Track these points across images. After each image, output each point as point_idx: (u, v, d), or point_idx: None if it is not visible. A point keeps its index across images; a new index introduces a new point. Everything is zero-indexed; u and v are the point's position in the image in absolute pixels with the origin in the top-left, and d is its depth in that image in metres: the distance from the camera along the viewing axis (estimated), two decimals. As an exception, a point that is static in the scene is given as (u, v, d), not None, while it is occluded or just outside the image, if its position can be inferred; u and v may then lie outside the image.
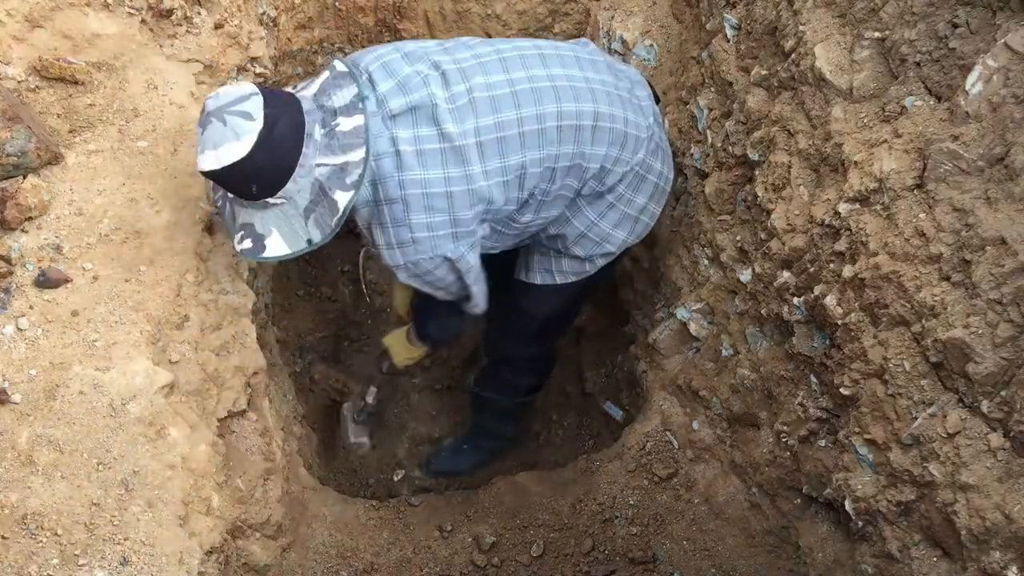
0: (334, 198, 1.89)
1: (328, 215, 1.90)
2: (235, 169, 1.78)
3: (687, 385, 2.37)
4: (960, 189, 1.46)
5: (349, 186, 1.88)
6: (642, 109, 2.12)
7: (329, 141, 1.89)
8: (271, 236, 1.91)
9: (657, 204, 2.21)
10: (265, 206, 1.89)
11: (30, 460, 1.54)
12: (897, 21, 1.61)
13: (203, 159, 1.79)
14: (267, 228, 1.91)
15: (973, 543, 1.45)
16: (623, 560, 2.21)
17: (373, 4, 2.93)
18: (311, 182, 1.88)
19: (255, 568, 1.90)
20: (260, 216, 1.90)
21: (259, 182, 1.84)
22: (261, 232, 1.91)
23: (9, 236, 1.77)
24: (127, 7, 2.11)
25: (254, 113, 1.79)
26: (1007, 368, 1.40)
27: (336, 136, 1.89)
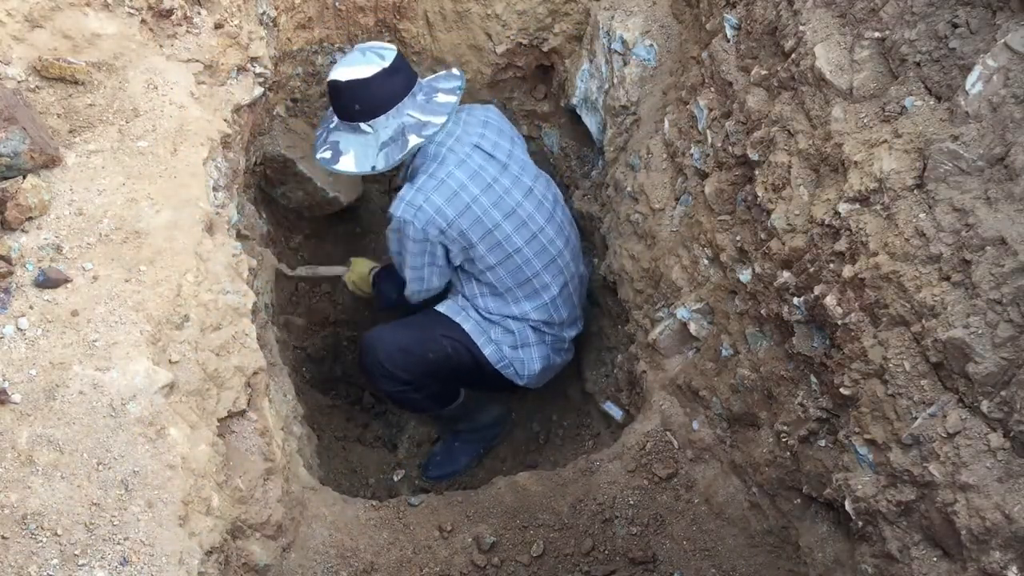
0: (408, 138, 2.48)
1: (397, 151, 2.49)
2: (351, 85, 2.44)
3: (687, 385, 2.37)
4: (960, 189, 1.46)
5: (423, 136, 2.48)
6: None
7: (426, 104, 2.52)
8: (347, 155, 2.53)
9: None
10: (355, 130, 2.51)
11: (30, 460, 1.54)
12: (897, 21, 1.61)
13: (336, 72, 2.47)
14: (347, 148, 2.54)
15: (973, 543, 1.45)
16: (623, 560, 2.21)
17: (373, 4, 2.93)
18: (397, 124, 2.48)
19: (255, 568, 1.90)
20: (347, 138, 2.54)
21: (362, 103, 2.46)
22: (342, 149, 2.54)
23: (9, 236, 1.77)
24: (127, 7, 2.11)
25: (386, 57, 2.47)
26: (1007, 368, 1.40)
27: (431, 102, 2.52)
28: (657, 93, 2.66)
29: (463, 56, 3.06)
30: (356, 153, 2.53)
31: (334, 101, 2.53)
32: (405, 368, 2.65)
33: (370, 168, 2.52)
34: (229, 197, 2.25)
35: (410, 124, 2.48)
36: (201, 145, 2.06)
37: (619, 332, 2.90)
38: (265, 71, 2.46)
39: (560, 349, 2.84)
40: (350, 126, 2.52)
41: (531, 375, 2.77)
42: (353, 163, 2.53)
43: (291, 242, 3.33)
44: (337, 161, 2.54)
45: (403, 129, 2.48)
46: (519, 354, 2.72)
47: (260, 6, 2.54)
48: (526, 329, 2.71)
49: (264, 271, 2.62)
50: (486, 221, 2.51)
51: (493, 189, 2.52)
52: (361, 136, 2.51)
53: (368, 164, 2.52)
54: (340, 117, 2.54)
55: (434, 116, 2.50)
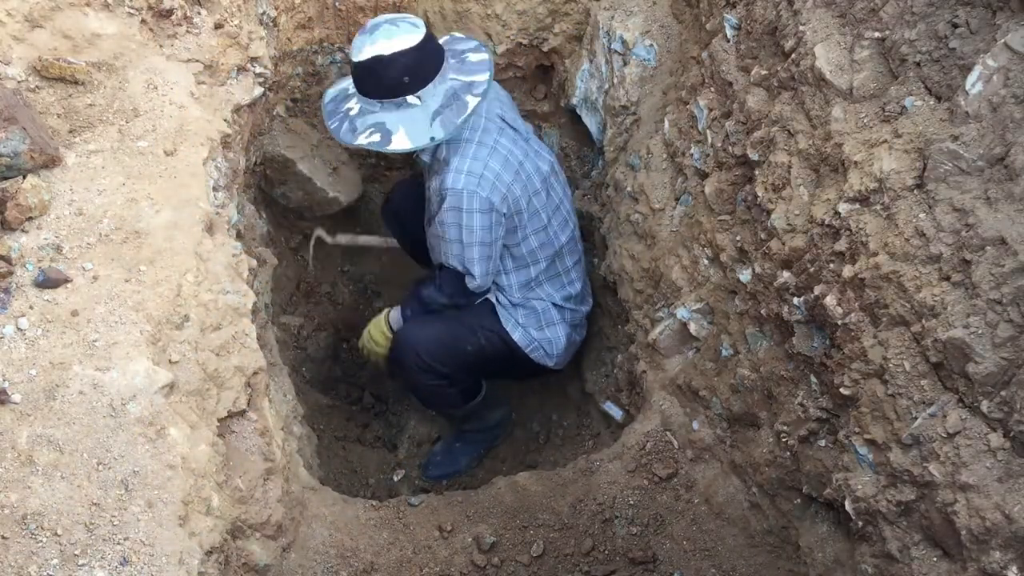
0: (465, 99, 2.36)
1: (456, 115, 2.35)
2: (400, 56, 2.26)
3: (687, 385, 2.37)
4: (960, 189, 1.46)
5: (477, 94, 2.37)
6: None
7: (460, 65, 2.41)
8: (398, 133, 2.35)
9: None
10: (400, 105, 2.34)
11: (30, 460, 1.54)
12: (897, 21, 1.61)
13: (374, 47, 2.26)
14: (396, 126, 2.35)
15: (973, 543, 1.45)
16: (623, 560, 2.21)
17: (373, 4, 2.93)
18: (445, 88, 2.36)
19: (255, 568, 1.90)
20: (392, 116, 2.35)
21: (412, 73, 2.30)
22: (390, 129, 2.35)
23: (9, 236, 1.77)
24: (127, 7, 2.11)
25: (419, 24, 2.33)
26: (1007, 368, 1.40)
27: (466, 63, 2.42)
28: (657, 93, 2.66)
29: (463, 56, 3.06)
30: (408, 129, 2.34)
31: (372, 80, 2.32)
32: (444, 362, 2.65)
33: (429, 140, 2.34)
34: (229, 197, 2.25)
35: (458, 86, 2.36)
36: (201, 145, 2.06)
37: (619, 332, 2.90)
38: (265, 71, 2.46)
39: (577, 325, 2.87)
40: (392, 103, 2.33)
41: (559, 354, 2.79)
42: (408, 139, 2.34)
43: (291, 242, 3.33)
44: (390, 142, 2.34)
45: (454, 92, 2.35)
46: (546, 334, 2.74)
47: (260, 6, 2.54)
48: (549, 308, 2.73)
49: (264, 271, 2.62)
50: (529, 189, 2.51)
51: (530, 157, 2.52)
52: (407, 110, 2.34)
53: (426, 136, 2.34)
54: (380, 96, 2.33)
55: (476, 75, 2.39)
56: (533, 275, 2.68)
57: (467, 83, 2.37)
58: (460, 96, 2.35)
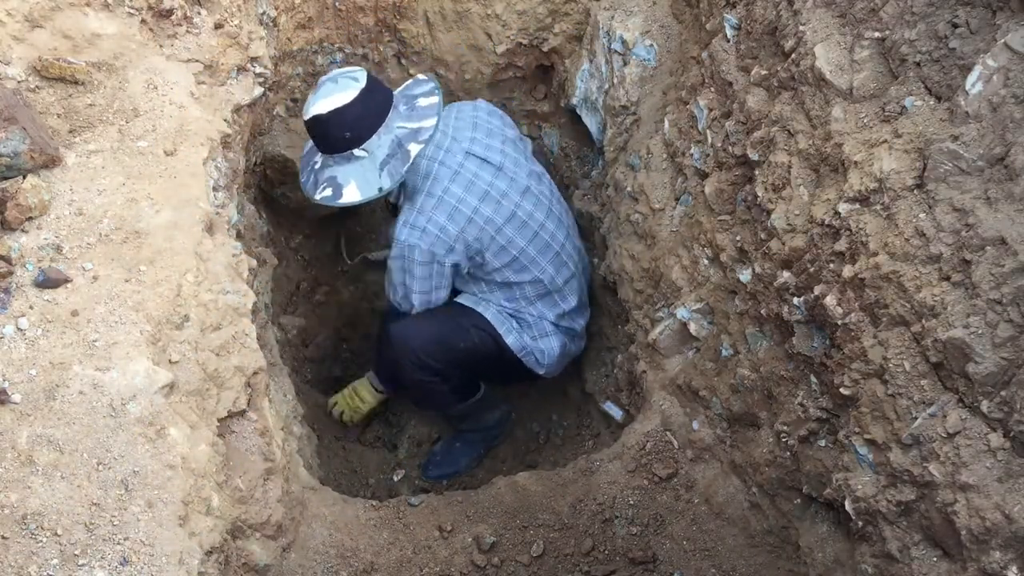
0: (408, 148, 2.42)
1: (400, 164, 2.42)
2: (337, 114, 2.34)
3: (687, 385, 2.37)
4: (960, 189, 1.46)
5: (420, 141, 2.43)
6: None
7: (410, 112, 2.46)
8: (348, 186, 2.44)
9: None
10: (349, 159, 2.42)
11: (30, 460, 1.54)
12: (897, 21, 1.61)
13: (314, 107, 2.36)
14: (347, 179, 2.44)
15: (973, 543, 1.45)
16: (623, 560, 2.21)
17: (373, 4, 2.93)
18: (391, 139, 2.42)
19: (255, 568, 1.90)
20: (343, 170, 2.44)
21: (352, 129, 2.38)
22: (341, 183, 2.45)
23: (9, 236, 1.77)
24: (127, 7, 2.11)
25: (359, 78, 2.39)
26: (1007, 368, 1.40)
27: (416, 109, 2.47)
28: (657, 93, 2.66)
29: (463, 56, 3.06)
30: (358, 181, 2.44)
31: (319, 136, 2.44)
32: (437, 358, 2.67)
33: (377, 191, 2.44)
34: (229, 197, 2.25)
35: (403, 135, 2.43)
36: (201, 145, 2.06)
37: (619, 332, 2.90)
38: (265, 71, 2.46)
39: (574, 337, 2.88)
40: (343, 157, 2.44)
41: (550, 364, 2.82)
42: (358, 192, 2.44)
43: (291, 242, 3.33)
44: (341, 195, 2.45)
45: (399, 142, 2.42)
46: (539, 344, 2.76)
47: (260, 6, 2.54)
48: (543, 322, 2.76)
49: (264, 271, 2.62)
50: (489, 229, 2.52)
51: (491, 195, 2.51)
52: (357, 163, 2.43)
53: (374, 187, 2.44)
54: (329, 151, 2.45)
55: (423, 120, 2.45)
56: (518, 296, 2.71)
57: (414, 130, 2.44)
58: (404, 145, 2.42)
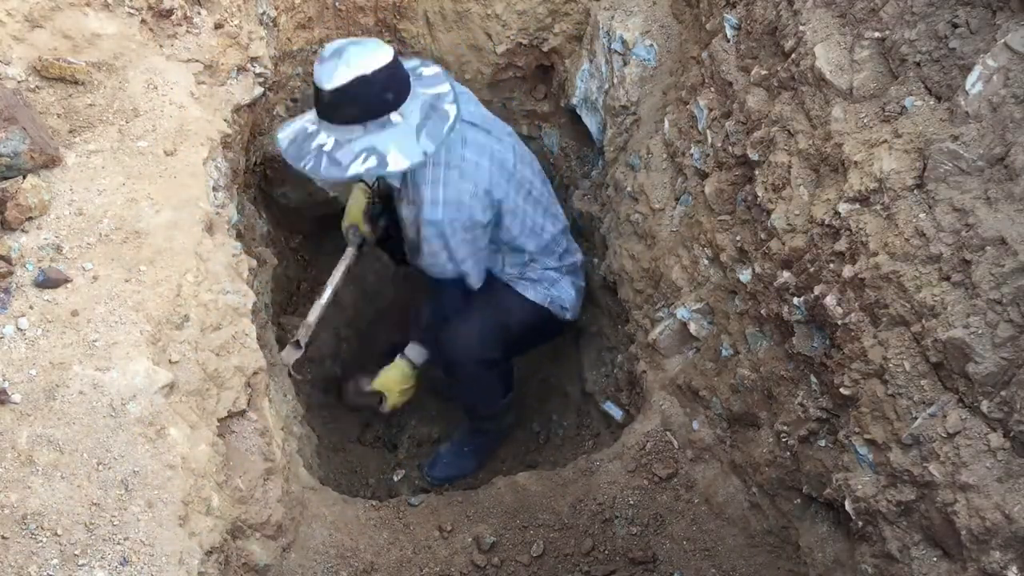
0: (444, 109, 2.31)
1: (440, 124, 2.30)
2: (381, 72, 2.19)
3: (687, 385, 2.37)
4: (960, 189, 1.46)
5: (451, 102, 2.33)
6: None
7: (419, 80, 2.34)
8: (391, 153, 2.27)
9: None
10: (384, 125, 2.26)
11: (30, 460, 1.54)
12: (897, 21, 1.61)
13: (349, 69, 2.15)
14: (386, 147, 2.27)
15: (973, 543, 1.45)
16: (623, 560, 2.21)
17: (373, 4, 2.93)
18: (420, 103, 2.30)
19: (255, 568, 1.90)
20: (379, 138, 2.27)
21: (395, 88, 2.24)
22: (383, 151, 2.27)
23: (9, 236, 1.77)
24: (127, 7, 2.11)
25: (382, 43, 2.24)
26: (1007, 368, 1.40)
27: (423, 78, 2.36)
28: (657, 93, 2.66)
29: (463, 56, 3.06)
30: (399, 147, 2.26)
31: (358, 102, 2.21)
32: (495, 347, 2.71)
33: (422, 154, 2.27)
34: (229, 197, 2.25)
35: (428, 99, 2.31)
36: (201, 145, 2.06)
37: (619, 332, 2.90)
38: (265, 71, 2.46)
39: (576, 272, 2.90)
40: (377, 124, 2.24)
41: (572, 304, 2.85)
42: (403, 157, 2.25)
43: (291, 242, 3.33)
44: (387, 164, 2.25)
45: (430, 104, 2.30)
46: (553, 291, 2.79)
47: (260, 6, 2.54)
48: (547, 272, 2.78)
49: (264, 272, 2.62)
50: (499, 192, 2.50)
51: (495, 157, 2.50)
52: (391, 130, 2.25)
53: (419, 151, 2.27)
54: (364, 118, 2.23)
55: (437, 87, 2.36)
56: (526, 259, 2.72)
57: (434, 95, 2.34)
58: (437, 107, 2.31)
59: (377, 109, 2.23)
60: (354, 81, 2.15)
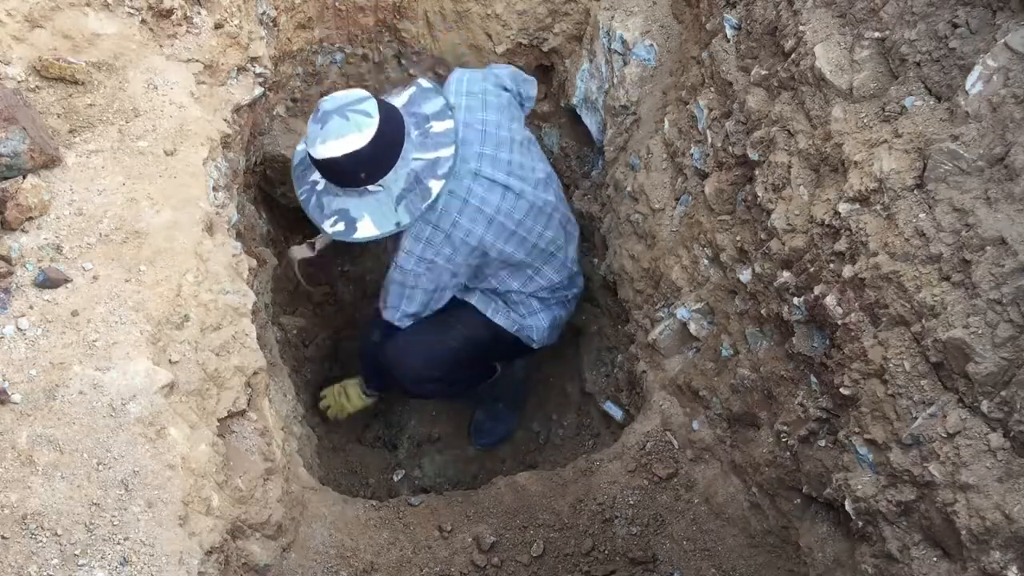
0: (428, 185, 2.24)
1: (419, 200, 2.25)
2: (353, 156, 2.13)
3: (687, 385, 2.37)
4: (960, 189, 1.45)
5: (440, 176, 2.25)
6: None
7: (424, 140, 2.26)
8: (363, 220, 2.26)
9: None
10: (363, 193, 2.24)
11: (30, 460, 1.54)
12: (897, 21, 1.61)
13: (324, 148, 2.13)
14: (360, 213, 2.26)
15: (973, 543, 1.45)
16: (623, 560, 2.21)
17: (373, 4, 2.93)
18: (407, 172, 2.23)
19: (255, 568, 1.90)
20: (355, 203, 2.26)
21: (368, 169, 2.19)
22: (354, 216, 2.27)
23: (9, 236, 1.77)
24: (127, 7, 2.11)
25: (372, 112, 2.15)
26: (1007, 368, 1.40)
27: (430, 136, 2.27)
28: (657, 93, 2.66)
29: (463, 56, 3.06)
30: (372, 216, 2.26)
31: (331, 176, 2.24)
32: (435, 366, 2.67)
33: (395, 226, 2.27)
34: (229, 197, 2.25)
35: (420, 168, 2.25)
36: (201, 145, 2.06)
37: (619, 332, 2.90)
38: (265, 71, 2.46)
39: (564, 301, 2.84)
40: (354, 191, 2.25)
41: (541, 338, 2.80)
42: (375, 227, 2.26)
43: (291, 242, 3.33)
44: (355, 230, 2.27)
45: (416, 176, 2.24)
46: (528, 321, 2.75)
47: (260, 6, 2.54)
48: (531, 300, 2.73)
49: (264, 272, 2.62)
50: (492, 252, 2.45)
51: (496, 220, 2.40)
52: (370, 197, 2.25)
53: (391, 222, 2.26)
54: (339, 185, 2.26)
55: (440, 150, 2.27)
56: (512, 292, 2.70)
57: (431, 162, 2.25)
58: (423, 180, 2.25)
59: (352, 183, 2.24)
60: (327, 161, 2.16)
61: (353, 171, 2.19)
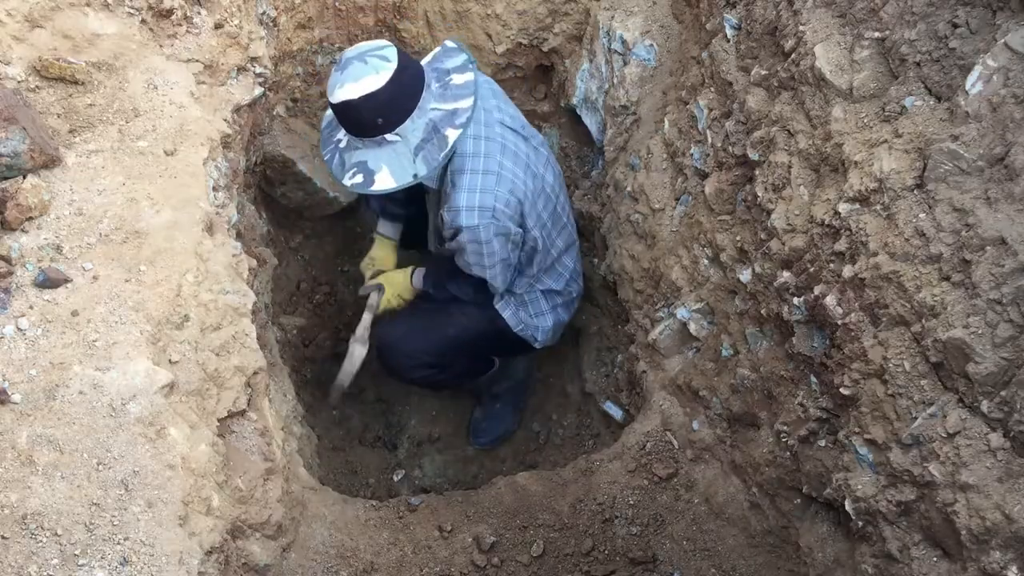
0: (445, 134, 2.25)
1: (437, 150, 2.26)
2: (370, 99, 2.15)
3: (687, 385, 2.37)
4: (960, 189, 1.45)
5: (458, 125, 2.26)
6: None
7: (443, 91, 2.28)
8: (381, 172, 2.27)
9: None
10: (381, 143, 2.25)
11: (30, 460, 1.54)
12: (897, 21, 1.61)
13: (342, 91, 2.15)
14: (378, 165, 2.27)
15: (973, 543, 1.45)
16: (623, 560, 2.21)
17: (373, 4, 2.93)
18: (425, 122, 2.25)
19: (255, 568, 1.90)
20: (374, 154, 2.27)
21: (385, 114, 2.19)
22: (372, 168, 2.28)
23: (9, 236, 1.77)
24: (127, 7, 2.11)
25: (390, 57, 2.18)
26: (1007, 368, 1.40)
27: (449, 87, 2.29)
28: (657, 93, 2.66)
29: (463, 56, 3.06)
30: (391, 167, 2.28)
31: (347, 122, 2.25)
32: (427, 351, 2.67)
33: (412, 177, 2.27)
34: (229, 197, 2.25)
35: (438, 118, 2.26)
36: (201, 145, 2.06)
37: (619, 332, 2.90)
38: (265, 71, 2.46)
39: (570, 305, 2.86)
40: (373, 141, 2.26)
41: (544, 338, 2.81)
42: (391, 178, 2.27)
43: (291, 242, 3.33)
44: (372, 182, 2.28)
45: (433, 126, 2.26)
46: (535, 321, 2.75)
47: (260, 6, 2.54)
48: (540, 299, 2.74)
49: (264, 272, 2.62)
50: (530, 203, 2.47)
51: (529, 167, 2.45)
52: (389, 147, 2.26)
53: (409, 173, 2.27)
54: (358, 135, 2.27)
55: (459, 101, 2.28)
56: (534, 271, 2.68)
57: (449, 112, 2.27)
58: (440, 129, 2.26)
59: (367, 131, 2.25)
60: (343, 104, 2.18)
61: (368, 116, 2.20)
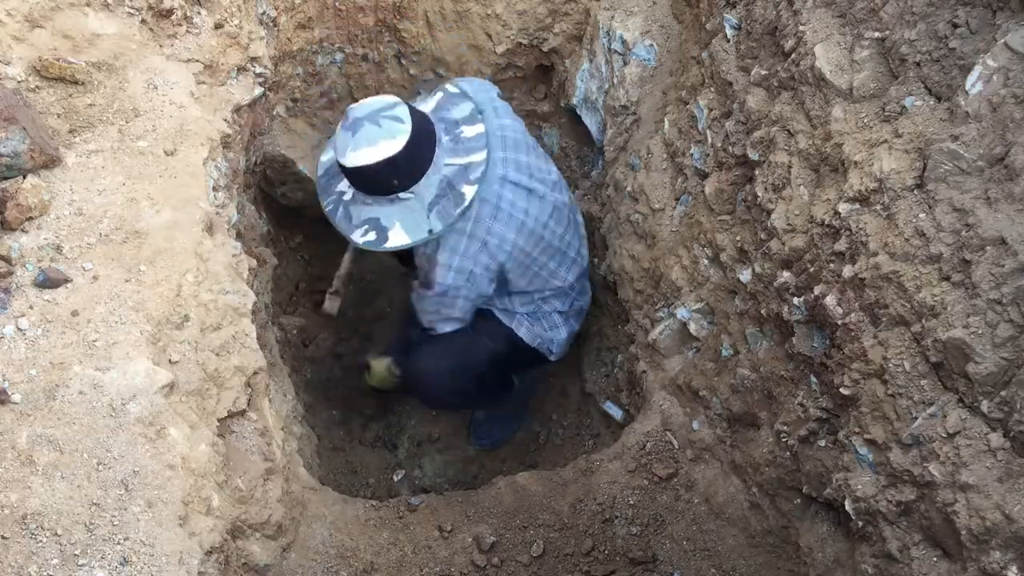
0: (461, 190, 2.20)
1: (452, 206, 2.20)
2: (387, 164, 2.10)
3: (687, 385, 2.37)
4: (960, 189, 1.45)
5: (473, 181, 2.21)
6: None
7: (455, 145, 2.23)
8: (394, 228, 2.22)
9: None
10: (393, 201, 2.20)
11: (30, 460, 1.54)
12: (897, 21, 1.61)
13: (356, 155, 2.09)
14: (391, 221, 2.22)
15: (973, 543, 1.45)
16: (623, 560, 2.21)
17: (373, 4, 2.93)
18: (439, 179, 2.19)
19: (255, 568, 1.90)
20: (386, 211, 2.22)
21: (401, 177, 2.15)
22: (385, 225, 2.22)
23: (9, 236, 1.77)
24: (127, 7, 2.11)
25: (403, 118, 2.11)
26: (1007, 368, 1.40)
27: (461, 141, 2.23)
28: (657, 93, 2.66)
29: (463, 56, 3.06)
30: (404, 224, 2.21)
31: (361, 183, 2.19)
32: (463, 379, 2.65)
33: (427, 233, 2.21)
34: (229, 197, 2.25)
35: (452, 173, 2.21)
36: (201, 145, 2.06)
37: (619, 332, 2.90)
38: (265, 71, 2.46)
39: (579, 314, 2.87)
40: (384, 199, 2.21)
41: (560, 350, 2.82)
42: (406, 235, 2.21)
43: (291, 242, 3.33)
44: (386, 239, 2.22)
45: (448, 182, 2.20)
46: (549, 334, 2.75)
47: (260, 6, 2.54)
48: (553, 315, 2.75)
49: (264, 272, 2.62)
50: (522, 259, 2.45)
51: (525, 225, 2.38)
52: (401, 204, 2.20)
53: (424, 229, 2.21)
54: (371, 195, 2.22)
55: (471, 155, 2.23)
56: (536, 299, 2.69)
57: (463, 167, 2.22)
58: (455, 186, 2.21)
59: (383, 191, 2.19)
60: (359, 168, 2.12)
61: (386, 179, 2.14)
